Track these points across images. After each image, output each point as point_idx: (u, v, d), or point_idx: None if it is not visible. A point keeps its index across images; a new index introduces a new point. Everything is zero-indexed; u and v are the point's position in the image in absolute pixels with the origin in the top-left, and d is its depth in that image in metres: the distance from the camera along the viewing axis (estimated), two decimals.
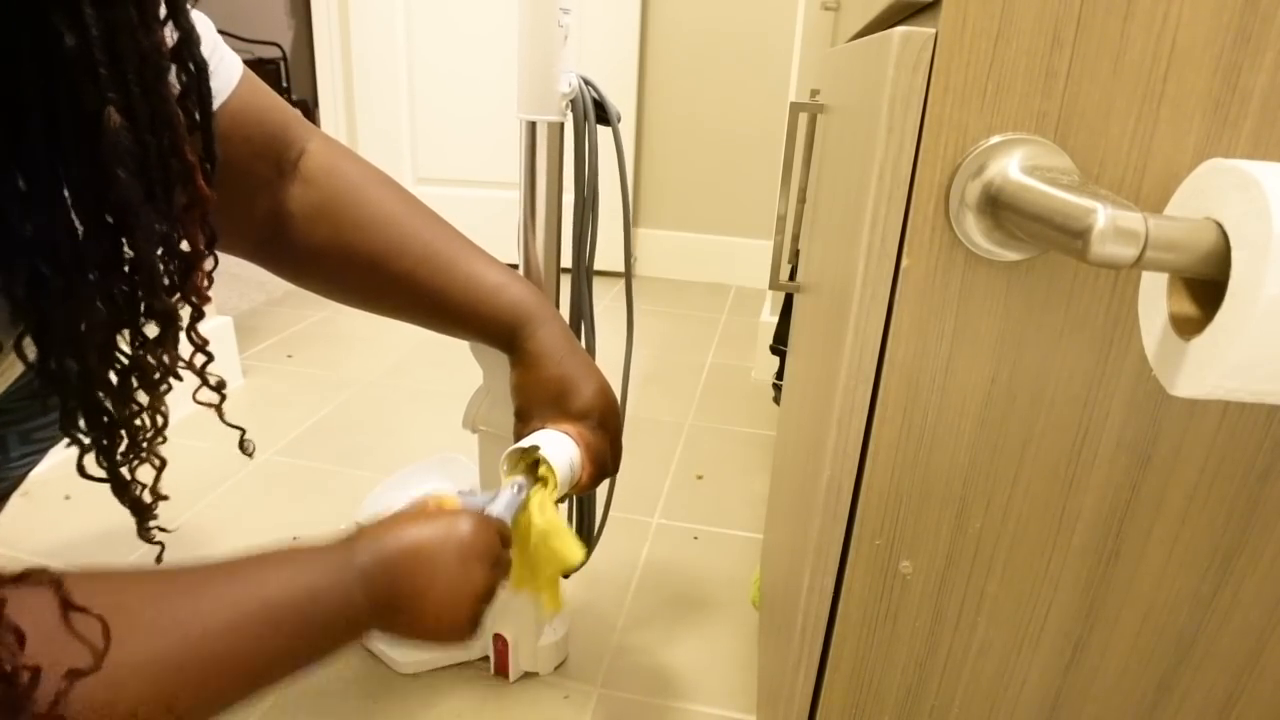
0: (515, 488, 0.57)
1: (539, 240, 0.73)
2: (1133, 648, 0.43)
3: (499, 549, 0.51)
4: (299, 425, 1.43)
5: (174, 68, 0.42)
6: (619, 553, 1.10)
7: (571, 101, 0.72)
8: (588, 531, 0.91)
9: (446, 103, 2.32)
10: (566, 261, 0.79)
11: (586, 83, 0.72)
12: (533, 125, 0.70)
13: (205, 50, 0.44)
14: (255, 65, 4.10)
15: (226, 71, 0.57)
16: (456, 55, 2.27)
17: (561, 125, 0.71)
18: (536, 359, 0.62)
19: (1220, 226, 0.26)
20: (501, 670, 0.86)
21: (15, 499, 0.82)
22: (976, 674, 0.45)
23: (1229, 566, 0.40)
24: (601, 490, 0.90)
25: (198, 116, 0.44)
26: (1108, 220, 0.25)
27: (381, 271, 0.63)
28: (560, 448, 0.58)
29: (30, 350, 0.44)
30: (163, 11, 0.39)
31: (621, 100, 2.26)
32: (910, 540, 0.42)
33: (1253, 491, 0.38)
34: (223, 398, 0.56)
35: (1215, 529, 0.39)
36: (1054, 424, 0.38)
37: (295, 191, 0.61)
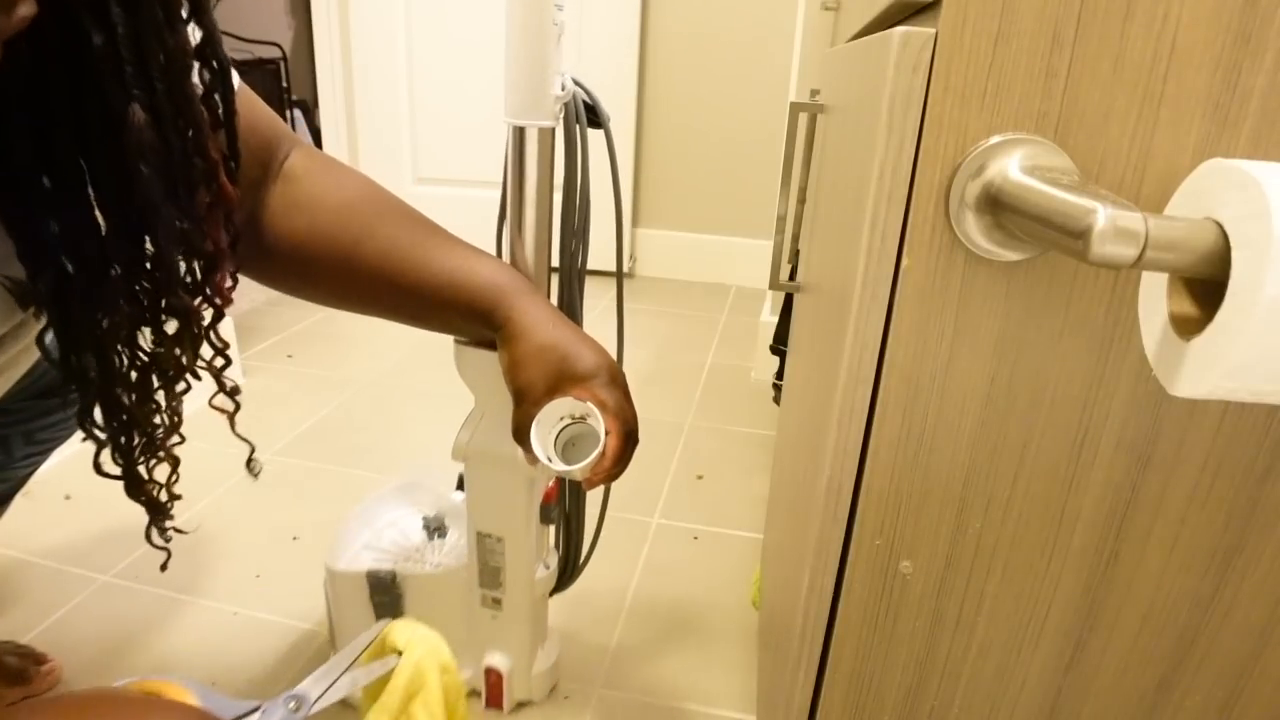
0: (289, 703, 0.47)
1: (528, 251, 0.69)
2: (1133, 648, 0.43)
3: None
4: (299, 425, 1.43)
5: (197, 66, 0.42)
6: (619, 553, 1.11)
7: (564, 105, 0.67)
8: (574, 556, 0.84)
9: (446, 103, 2.32)
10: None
11: (576, 84, 0.68)
12: (521, 131, 0.65)
13: None
14: (255, 65, 4.05)
15: None
16: (456, 55, 2.27)
17: (553, 131, 0.66)
18: (526, 330, 0.59)
19: (1220, 226, 0.26)
20: (495, 703, 0.82)
21: (16, 498, 0.82)
22: (976, 674, 0.45)
23: (1229, 566, 0.40)
24: (593, 508, 0.84)
25: (221, 115, 0.44)
26: (1108, 220, 0.25)
27: (356, 258, 0.61)
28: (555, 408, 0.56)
29: (52, 345, 0.44)
30: (186, 11, 0.40)
31: (621, 100, 2.26)
32: (910, 540, 0.42)
33: (1253, 491, 0.38)
34: (237, 406, 0.56)
35: (1215, 529, 0.39)
36: (1054, 424, 0.38)
37: (276, 189, 0.61)
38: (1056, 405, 0.38)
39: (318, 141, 3.78)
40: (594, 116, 0.69)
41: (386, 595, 0.76)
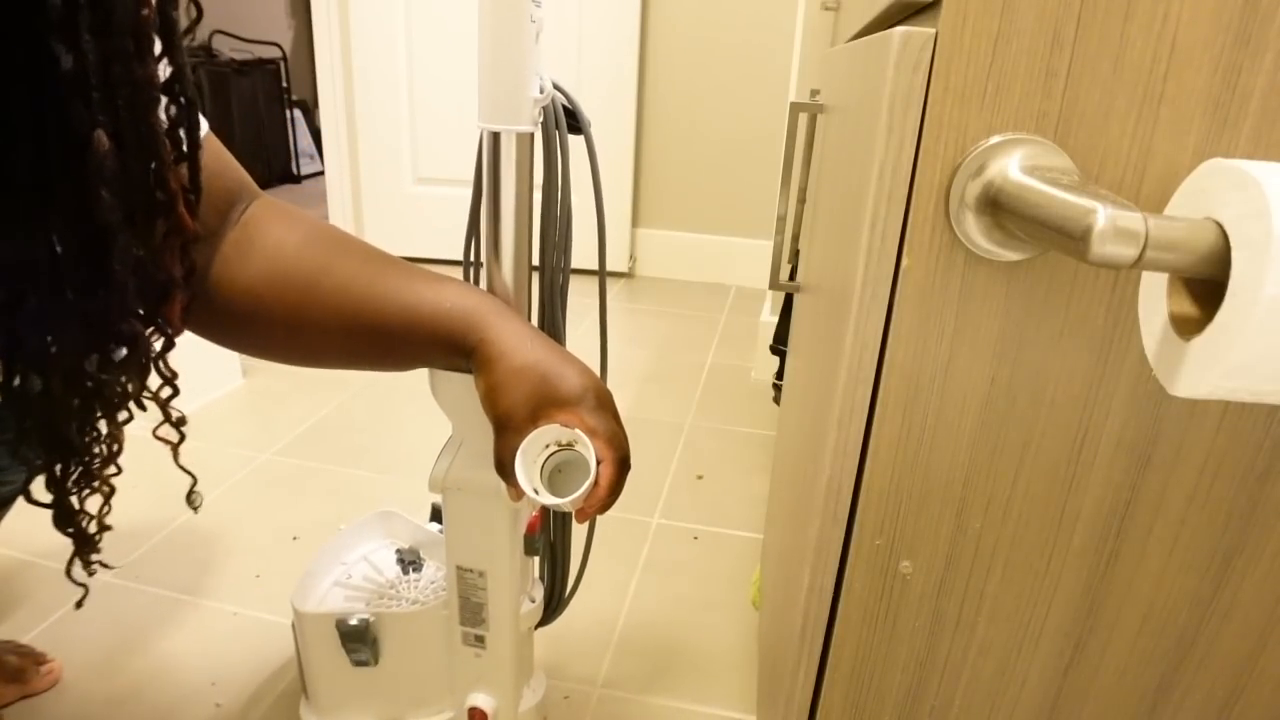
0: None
1: (506, 269, 0.63)
2: (1133, 648, 0.43)
3: None
4: (299, 425, 1.43)
5: (165, 101, 0.43)
6: (619, 553, 1.11)
7: (542, 109, 0.62)
8: (560, 587, 0.79)
9: (446, 103, 2.32)
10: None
11: (556, 88, 0.63)
12: (496, 137, 0.59)
13: None
14: (255, 65, 4.06)
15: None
16: (456, 55, 2.27)
17: (531, 136, 0.61)
18: (502, 353, 0.55)
19: (1220, 226, 0.26)
20: None
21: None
22: (976, 674, 0.45)
23: (1229, 566, 0.40)
24: (578, 532, 0.79)
25: (185, 148, 0.45)
26: (1108, 220, 0.25)
27: (313, 298, 0.57)
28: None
29: None
30: (158, 47, 0.40)
31: (621, 100, 2.26)
32: (910, 540, 0.42)
33: (1253, 491, 0.38)
34: (182, 437, 0.54)
35: (1215, 529, 0.39)
36: (1054, 424, 0.38)
37: (231, 237, 0.57)
38: (1056, 405, 0.38)
39: (318, 142, 3.79)
40: (574, 121, 0.65)
41: (360, 642, 0.70)
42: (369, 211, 2.49)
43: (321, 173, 2.82)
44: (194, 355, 0.53)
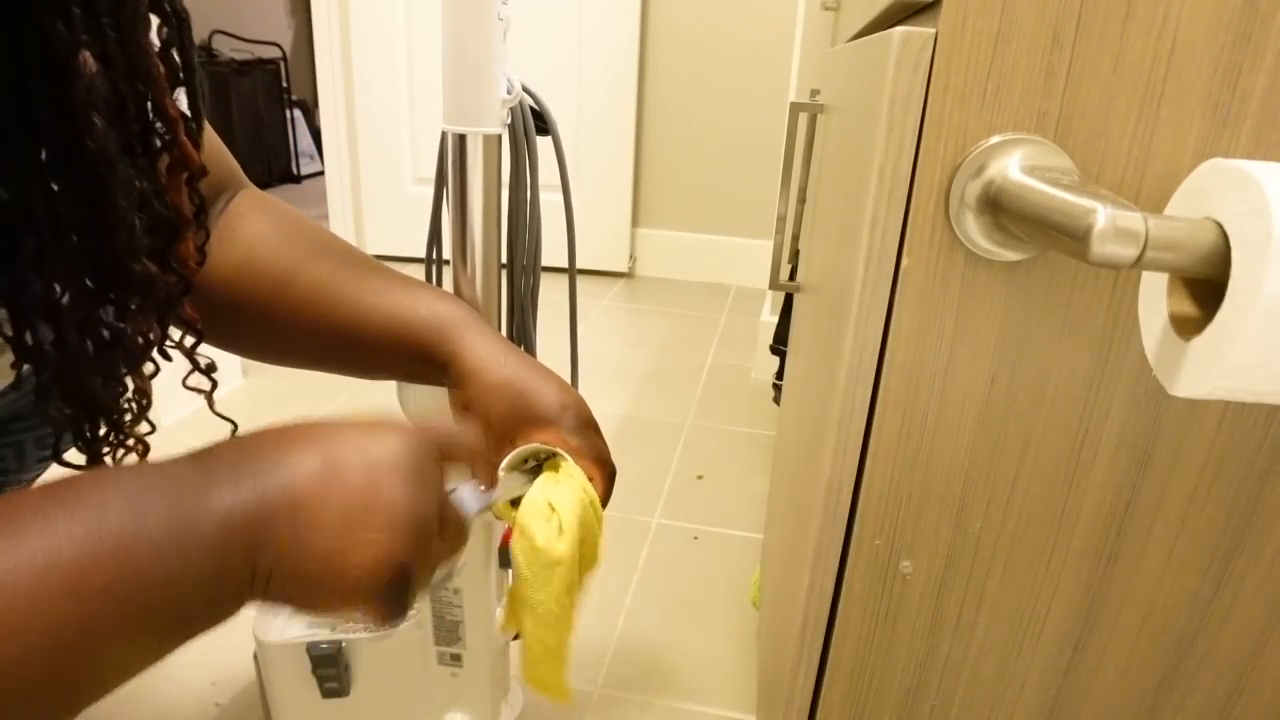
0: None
1: (476, 277, 0.61)
2: (1133, 648, 0.43)
3: (433, 469, 0.40)
4: None
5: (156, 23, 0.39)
6: (619, 553, 1.11)
7: (510, 110, 0.60)
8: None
9: None
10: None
11: (524, 88, 0.61)
12: (462, 139, 0.56)
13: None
14: (255, 65, 4.05)
15: None
16: None
17: (499, 139, 0.58)
18: (476, 368, 0.52)
19: (1220, 226, 0.26)
20: None
21: None
22: (976, 674, 0.45)
23: (1229, 567, 0.40)
24: None
25: (180, 72, 0.41)
26: (1108, 220, 0.25)
27: (285, 294, 0.55)
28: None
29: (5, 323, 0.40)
30: None
31: (621, 100, 2.27)
32: (910, 540, 0.42)
33: (1253, 491, 0.38)
34: (214, 384, 0.51)
35: (1215, 529, 0.39)
36: (1054, 424, 0.38)
37: (218, 223, 0.56)
38: (1056, 405, 0.38)
39: (318, 142, 3.79)
40: (542, 123, 0.63)
41: (332, 668, 0.66)
42: (369, 211, 2.49)
43: (321, 173, 2.82)
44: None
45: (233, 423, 0.56)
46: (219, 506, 0.33)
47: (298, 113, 3.82)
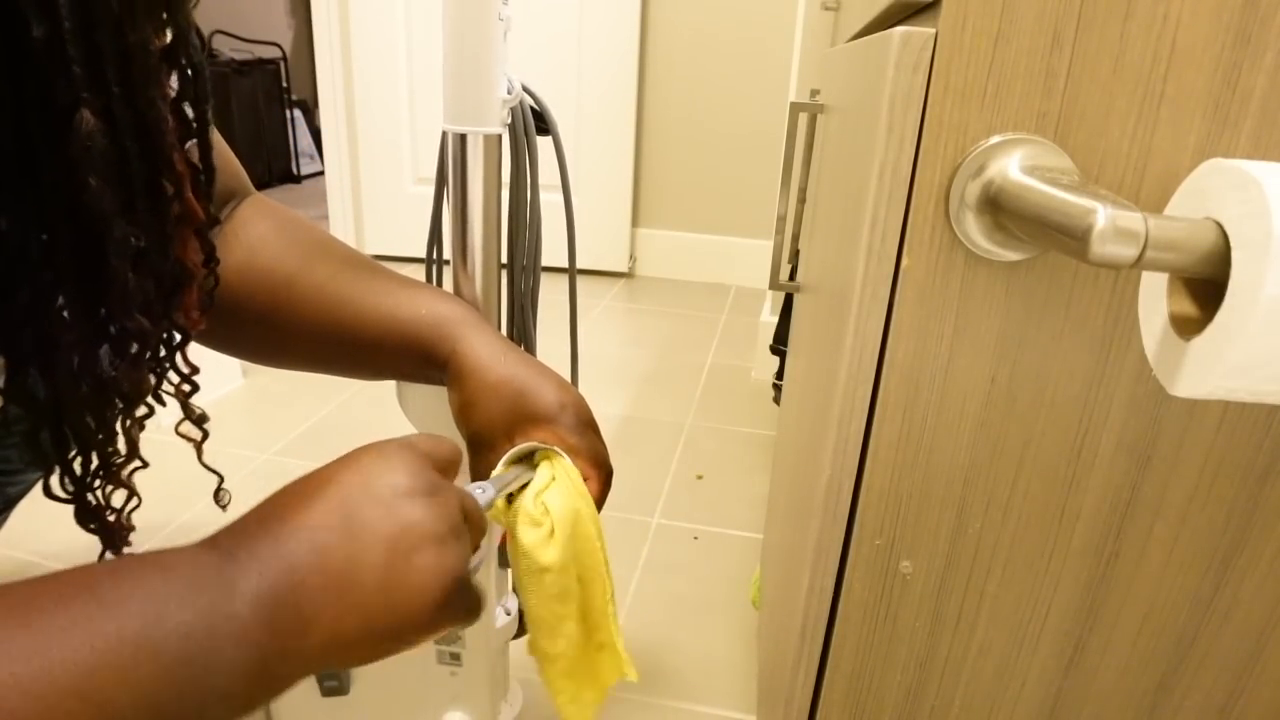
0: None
1: (475, 277, 0.61)
2: (1133, 648, 0.43)
3: (440, 484, 0.40)
4: (299, 425, 1.42)
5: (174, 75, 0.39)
6: (619, 553, 1.10)
7: (510, 110, 0.60)
8: None
9: None
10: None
11: (524, 89, 0.61)
12: (462, 139, 0.56)
13: None
14: (255, 65, 4.05)
15: None
16: None
17: (499, 139, 0.58)
18: (475, 366, 0.53)
19: (1220, 226, 0.26)
20: None
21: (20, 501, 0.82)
22: (976, 674, 0.45)
23: (1229, 566, 0.40)
24: None
25: (193, 124, 0.41)
26: (1108, 220, 0.25)
27: (287, 296, 0.55)
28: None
29: None
30: (154, 7, 0.36)
31: (621, 100, 2.26)
32: (910, 540, 0.42)
33: (1253, 491, 0.38)
34: (205, 434, 0.52)
35: (1215, 529, 0.39)
36: (1054, 424, 0.38)
37: (220, 229, 0.56)
38: (1056, 405, 0.38)
39: (318, 142, 3.79)
40: (542, 123, 0.63)
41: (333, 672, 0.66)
42: (369, 211, 2.49)
43: (321, 173, 2.82)
44: (193, 356, 0.51)
45: (219, 475, 0.57)
46: (247, 591, 0.33)
47: (298, 113, 3.82)
